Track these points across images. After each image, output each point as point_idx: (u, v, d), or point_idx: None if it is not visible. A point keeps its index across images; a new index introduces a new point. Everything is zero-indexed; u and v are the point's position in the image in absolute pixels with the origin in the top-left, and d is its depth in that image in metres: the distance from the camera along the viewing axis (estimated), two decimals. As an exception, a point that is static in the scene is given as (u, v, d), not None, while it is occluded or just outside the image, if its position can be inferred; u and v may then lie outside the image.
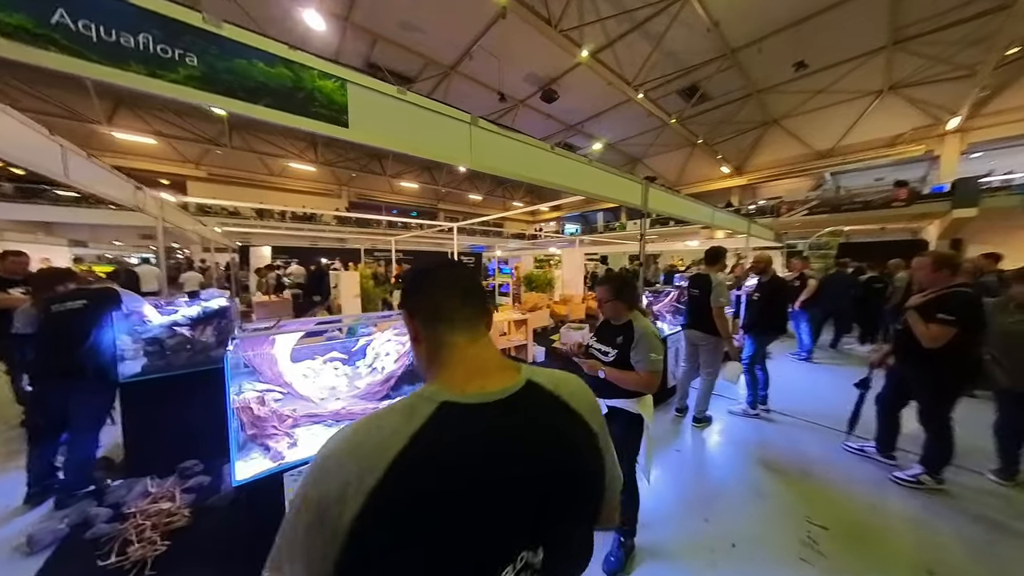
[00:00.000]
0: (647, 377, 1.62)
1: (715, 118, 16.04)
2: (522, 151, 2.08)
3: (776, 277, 3.49)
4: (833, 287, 5.50)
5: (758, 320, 3.41)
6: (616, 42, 11.57)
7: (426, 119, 1.62)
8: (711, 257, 3.26)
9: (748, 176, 19.08)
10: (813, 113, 15.27)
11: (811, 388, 4.30)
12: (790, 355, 5.49)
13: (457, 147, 1.74)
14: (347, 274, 6.42)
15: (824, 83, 13.47)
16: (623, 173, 3.01)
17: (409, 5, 10.57)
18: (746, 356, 3.47)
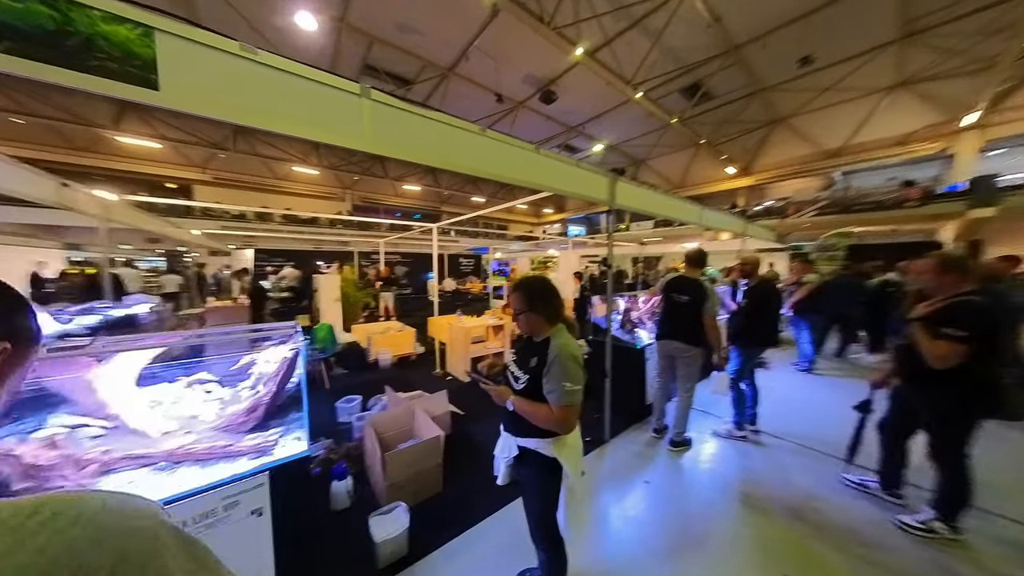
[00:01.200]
0: (559, 413, 1.25)
1: (719, 117, 15.47)
2: (441, 134, 1.73)
3: (764, 281, 3.05)
4: (838, 291, 4.99)
5: (743, 330, 2.98)
6: (614, 40, 11.17)
7: (291, 87, 1.28)
8: (694, 259, 2.86)
9: (755, 177, 18.42)
10: (821, 111, 14.59)
11: (809, 404, 3.82)
12: (790, 365, 5.00)
13: (341, 124, 1.40)
14: (326, 277, 6.14)
15: (832, 80, 12.82)
16: (585, 164, 2.63)
17: (404, 6, 10.34)
18: (731, 371, 3.04)
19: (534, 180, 2.29)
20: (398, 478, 2.11)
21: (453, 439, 2.86)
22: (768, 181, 18.09)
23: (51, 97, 12.22)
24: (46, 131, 13.38)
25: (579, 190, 2.57)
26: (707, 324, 2.66)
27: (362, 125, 1.43)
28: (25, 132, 13.09)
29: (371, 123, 1.44)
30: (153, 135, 14.15)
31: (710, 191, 19.40)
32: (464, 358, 4.35)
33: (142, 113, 13.99)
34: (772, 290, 2.99)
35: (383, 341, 4.90)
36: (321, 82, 1.35)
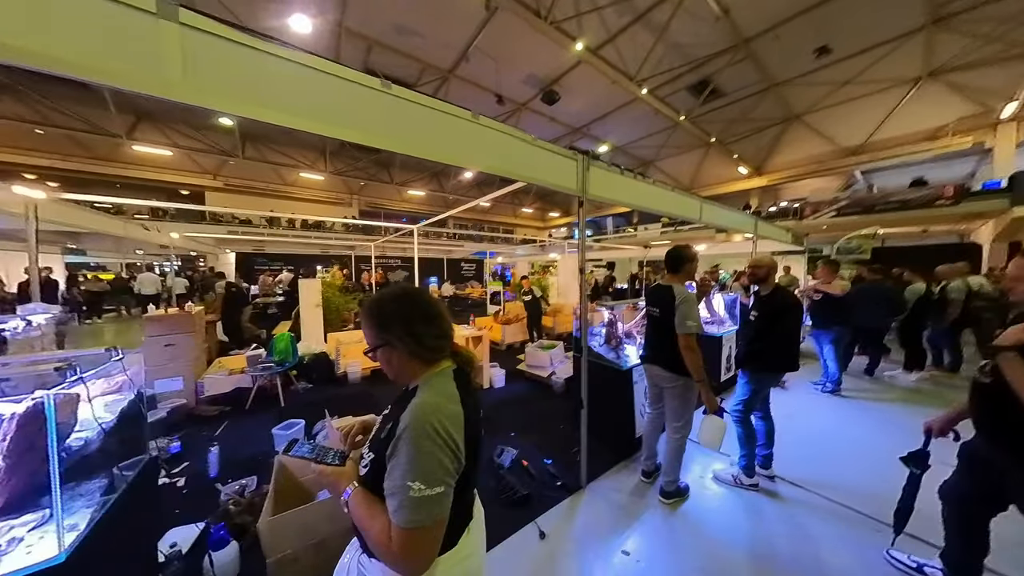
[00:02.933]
0: (397, 538, 0.69)
1: (729, 115, 14.60)
2: (350, 94, 1.20)
3: (780, 290, 2.39)
4: (869, 299, 4.23)
5: (755, 350, 2.33)
6: (617, 36, 10.56)
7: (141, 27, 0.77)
8: (672, 261, 2.25)
9: (768, 177, 17.37)
10: (839, 107, 13.55)
11: (839, 439, 3.10)
12: (811, 385, 4.25)
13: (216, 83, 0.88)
14: (307, 282, 5.71)
15: (851, 72, 11.84)
16: (545, 143, 2.06)
17: (401, 8, 9.99)
18: (738, 401, 2.39)
19: (474, 159, 1.74)
20: (285, 549, 1.57)
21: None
22: (783, 181, 17.03)
23: (69, 107, 12.39)
24: (67, 141, 13.60)
25: (537, 174, 1.99)
26: (680, 344, 2.03)
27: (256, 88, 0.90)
28: (47, 142, 13.34)
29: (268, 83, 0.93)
30: (167, 143, 14.25)
31: (721, 192, 18.43)
32: (435, 374, 3.81)
33: (156, 122, 14.13)
34: (790, 301, 2.32)
35: (354, 352, 4.41)
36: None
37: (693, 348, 2.04)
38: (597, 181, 2.28)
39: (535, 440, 2.99)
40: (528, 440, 2.99)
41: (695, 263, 2.25)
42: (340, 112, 1.26)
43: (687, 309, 2.05)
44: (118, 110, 12.84)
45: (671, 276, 2.27)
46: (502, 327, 5.83)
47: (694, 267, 2.24)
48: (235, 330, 5.44)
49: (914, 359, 4.64)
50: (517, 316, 6.40)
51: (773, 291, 2.36)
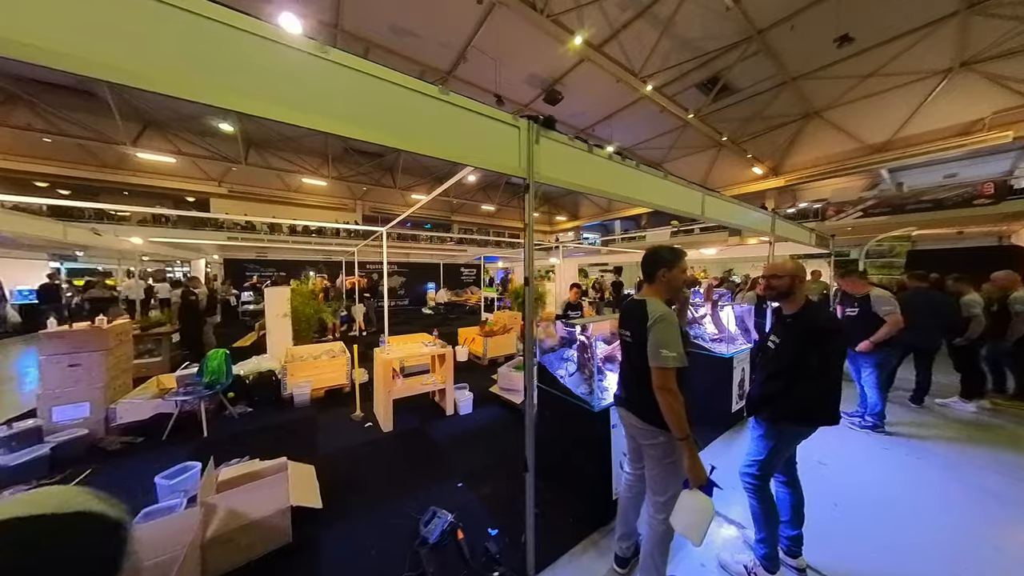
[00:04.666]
0: None
1: (742, 113, 13.74)
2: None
3: (813, 308, 1.66)
4: (918, 313, 3.41)
5: (774, 392, 1.64)
6: (621, 32, 9.94)
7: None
8: (647, 266, 1.60)
9: (786, 177, 16.32)
10: (863, 101, 12.55)
11: (891, 498, 2.34)
12: (846, 417, 3.46)
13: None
14: (273, 290, 5.22)
15: (875, 64, 10.90)
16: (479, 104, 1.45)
17: (396, 8, 9.64)
18: (751, 461, 1.70)
19: (367, 131, 1.16)
20: None
21: (292, 555, 1.71)
22: (801, 181, 15.96)
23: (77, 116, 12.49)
24: (77, 149, 13.74)
25: (458, 148, 1.38)
26: (654, 382, 1.41)
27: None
28: (58, 151, 13.49)
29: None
30: (171, 150, 14.26)
31: (735, 194, 17.44)
32: (386, 400, 3.19)
33: (162, 129, 14.17)
34: (828, 324, 1.59)
35: (305, 370, 3.85)
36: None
37: (670, 389, 1.37)
38: (551, 159, 1.65)
39: (487, 493, 2.33)
40: (479, 493, 2.34)
41: (680, 269, 1.57)
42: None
43: (663, 332, 1.39)
44: (124, 118, 12.90)
45: (647, 287, 1.61)
46: (484, 339, 5.20)
47: (679, 274, 1.57)
48: (196, 342, 4.97)
49: (972, 384, 3.78)
50: (504, 327, 5.75)
51: (803, 309, 1.66)
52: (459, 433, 3.21)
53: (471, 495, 2.33)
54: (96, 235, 4.48)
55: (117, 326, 3.22)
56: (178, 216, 12.91)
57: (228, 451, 2.75)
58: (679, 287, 1.62)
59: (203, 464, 2.31)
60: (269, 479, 1.91)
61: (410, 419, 3.42)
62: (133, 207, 13.17)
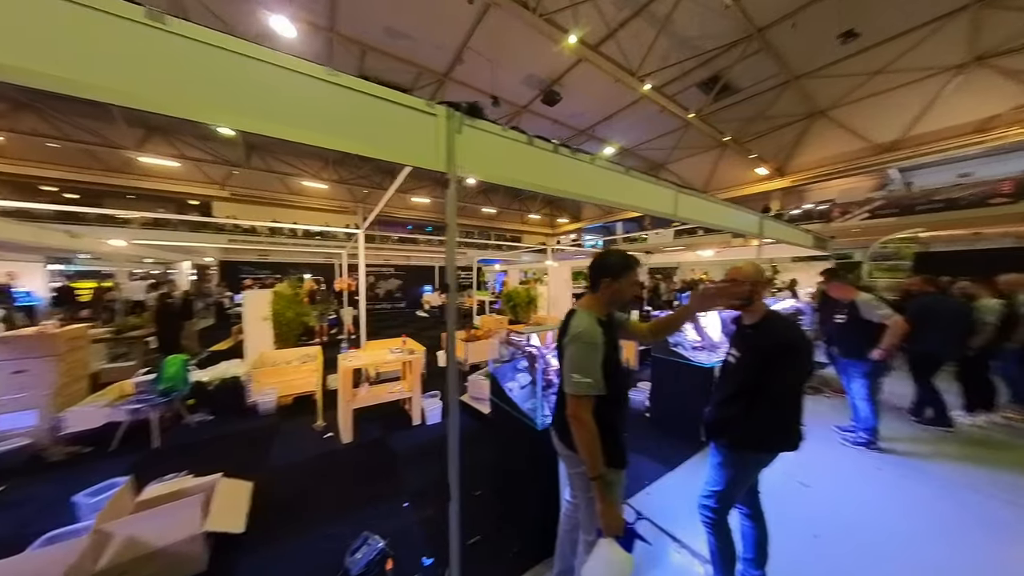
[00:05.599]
0: None
1: (745, 113, 13.42)
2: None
3: (774, 319, 1.45)
4: (936, 320, 3.11)
5: (732, 415, 1.43)
6: (618, 31, 9.77)
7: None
8: (592, 272, 1.40)
9: (791, 178, 15.90)
10: (870, 99, 12.16)
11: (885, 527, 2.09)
12: (837, 433, 3.20)
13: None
14: (253, 293, 5.12)
15: (883, 61, 10.53)
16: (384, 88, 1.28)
17: (390, 10, 9.60)
18: (708, 492, 1.49)
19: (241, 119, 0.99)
20: None
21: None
22: (807, 182, 15.51)
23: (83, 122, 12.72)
24: (83, 154, 13.98)
25: (367, 143, 1.21)
26: (568, 409, 1.22)
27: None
28: (64, 155, 13.73)
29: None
30: (175, 154, 14.45)
31: (739, 195, 17.09)
32: (346, 410, 3.04)
33: (165, 134, 14.37)
34: (791, 337, 1.39)
35: (272, 376, 3.72)
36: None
37: (581, 420, 1.18)
38: (479, 151, 1.48)
39: (433, 515, 2.15)
40: (424, 515, 2.16)
41: (629, 280, 1.37)
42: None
43: (577, 354, 1.20)
44: (129, 124, 13.12)
45: (589, 296, 1.42)
46: (465, 344, 5.02)
47: (627, 287, 1.37)
48: (172, 346, 4.89)
49: (979, 396, 3.48)
50: (488, 332, 5.58)
51: (764, 320, 1.45)
52: (422, 444, 3.03)
53: (415, 517, 2.15)
54: (72, 237, 4.43)
55: (70, 331, 3.13)
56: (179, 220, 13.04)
57: (174, 463, 2.61)
58: (625, 300, 1.42)
59: (141, 479, 2.18)
60: (182, 502, 1.76)
61: (373, 429, 3.25)
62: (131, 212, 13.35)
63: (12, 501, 2.28)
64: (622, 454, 1.32)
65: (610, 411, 1.27)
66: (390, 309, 11.64)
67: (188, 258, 9.43)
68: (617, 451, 1.29)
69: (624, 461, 1.33)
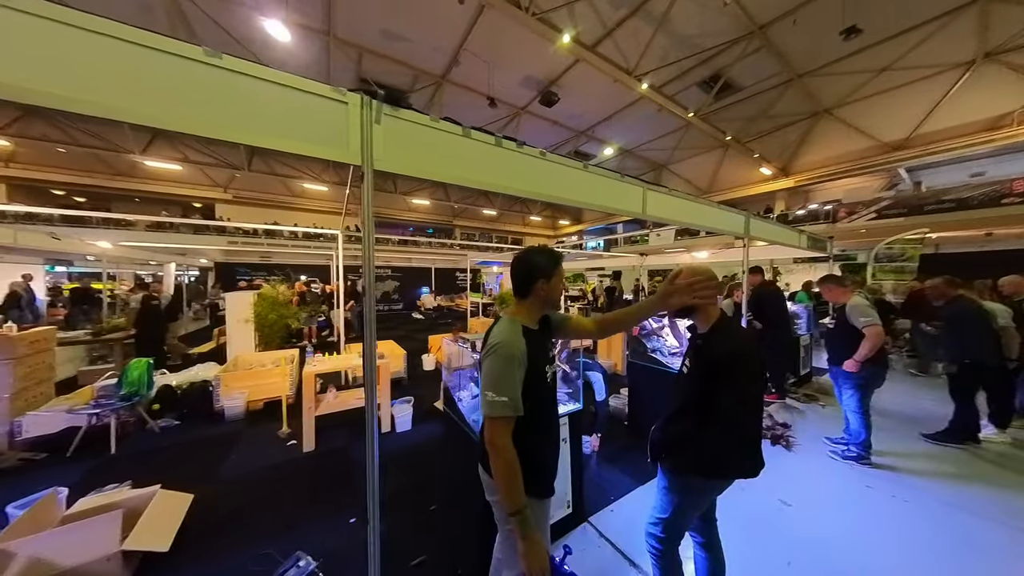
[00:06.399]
0: None
1: (747, 112, 13.15)
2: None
3: (725, 328, 1.29)
4: (974, 320, 2.87)
5: (678, 434, 1.27)
6: (615, 30, 9.62)
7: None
8: (519, 276, 1.24)
9: (795, 178, 15.56)
10: (877, 97, 11.84)
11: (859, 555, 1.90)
12: (827, 444, 2.99)
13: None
14: (234, 295, 5.07)
15: (889, 58, 10.24)
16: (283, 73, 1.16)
17: (386, 12, 9.57)
18: (654, 519, 1.33)
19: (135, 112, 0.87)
20: None
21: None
22: (813, 182, 15.16)
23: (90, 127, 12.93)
24: (91, 158, 14.21)
25: (269, 134, 1.09)
26: (485, 432, 1.07)
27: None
28: (73, 160, 13.98)
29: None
30: (179, 158, 14.63)
31: (743, 195, 16.79)
32: (309, 417, 2.92)
33: (170, 138, 14.55)
34: (739, 349, 1.22)
35: (242, 380, 3.62)
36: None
37: (497, 446, 1.03)
38: (402, 143, 1.36)
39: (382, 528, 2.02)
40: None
41: (559, 277, 1.23)
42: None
43: (493, 367, 1.06)
44: (134, 128, 13.29)
45: (518, 303, 1.27)
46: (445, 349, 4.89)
47: (558, 284, 1.23)
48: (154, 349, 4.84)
49: (1008, 409, 3.21)
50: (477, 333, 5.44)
51: (714, 327, 1.30)
52: (385, 453, 2.89)
53: (359, 535, 2.01)
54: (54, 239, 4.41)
55: (31, 333, 3.07)
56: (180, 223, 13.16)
57: (128, 471, 2.52)
58: (557, 299, 1.28)
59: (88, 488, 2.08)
60: (101, 517, 1.65)
61: (339, 437, 3.14)
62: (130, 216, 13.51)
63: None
64: (545, 482, 1.17)
65: (532, 434, 1.12)
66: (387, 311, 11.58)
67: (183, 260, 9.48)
68: (539, 479, 1.15)
69: (548, 490, 1.18)
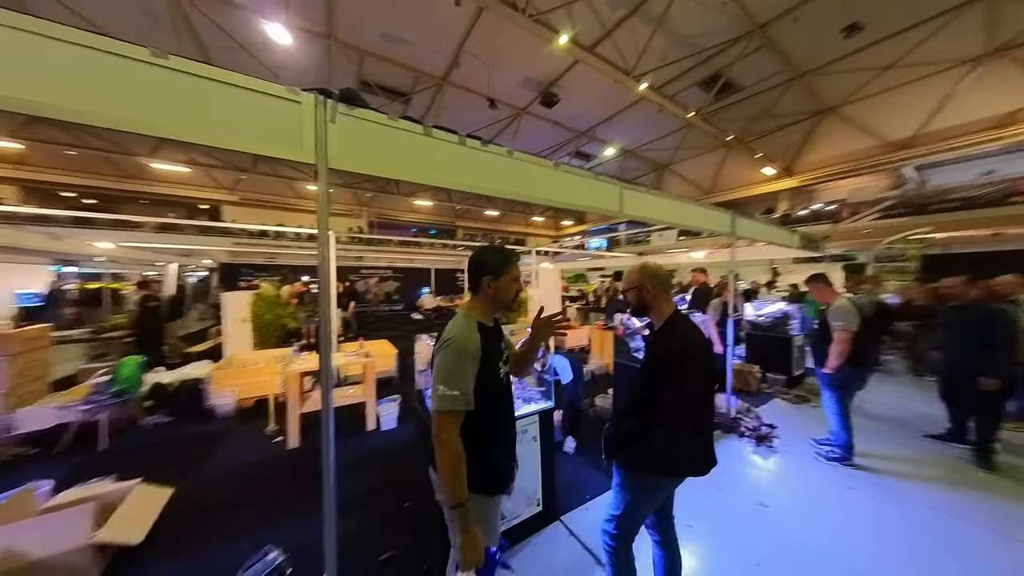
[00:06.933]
0: None
1: (749, 111, 13.04)
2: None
3: (675, 323, 1.28)
4: (1001, 330, 2.73)
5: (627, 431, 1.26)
6: (614, 31, 9.62)
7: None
8: (471, 272, 1.26)
9: (799, 177, 15.38)
10: (882, 95, 11.66)
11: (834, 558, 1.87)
12: (812, 445, 2.95)
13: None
14: (231, 295, 5.15)
15: (893, 55, 10.09)
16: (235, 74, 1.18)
17: (386, 15, 9.67)
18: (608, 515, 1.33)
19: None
20: None
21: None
22: (817, 181, 14.97)
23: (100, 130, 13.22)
24: (101, 161, 14.53)
25: (221, 134, 1.12)
26: (435, 434, 1.08)
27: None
28: (83, 162, 14.29)
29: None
30: (186, 160, 14.89)
31: (745, 195, 16.64)
32: (294, 414, 2.96)
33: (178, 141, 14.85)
34: (682, 348, 1.21)
35: (233, 378, 3.68)
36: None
37: (443, 440, 1.05)
38: (359, 141, 1.37)
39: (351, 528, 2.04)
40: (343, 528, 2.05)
41: (510, 277, 1.23)
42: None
43: (445, 361, 1.07)
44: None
45: (471, 298, 1.29)
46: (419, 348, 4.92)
47: (509, 283, 1.23)
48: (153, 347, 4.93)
49: (985, 416, 3.15)
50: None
51: (663, 326, 1.29)
52: (369, 451, 2.93)
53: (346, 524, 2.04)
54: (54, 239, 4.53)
55: (25, 331, 3.16)
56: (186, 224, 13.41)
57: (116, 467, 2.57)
58: (508, 300, 1.29)
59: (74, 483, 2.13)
60: (73, 509, 1.69)
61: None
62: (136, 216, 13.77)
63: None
64: (494, 479, 1.18)
65: (483, 431, 1.13)
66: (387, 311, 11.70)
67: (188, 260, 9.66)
68: (487, 475, 1.15)
69: (497, 487, 1.19)
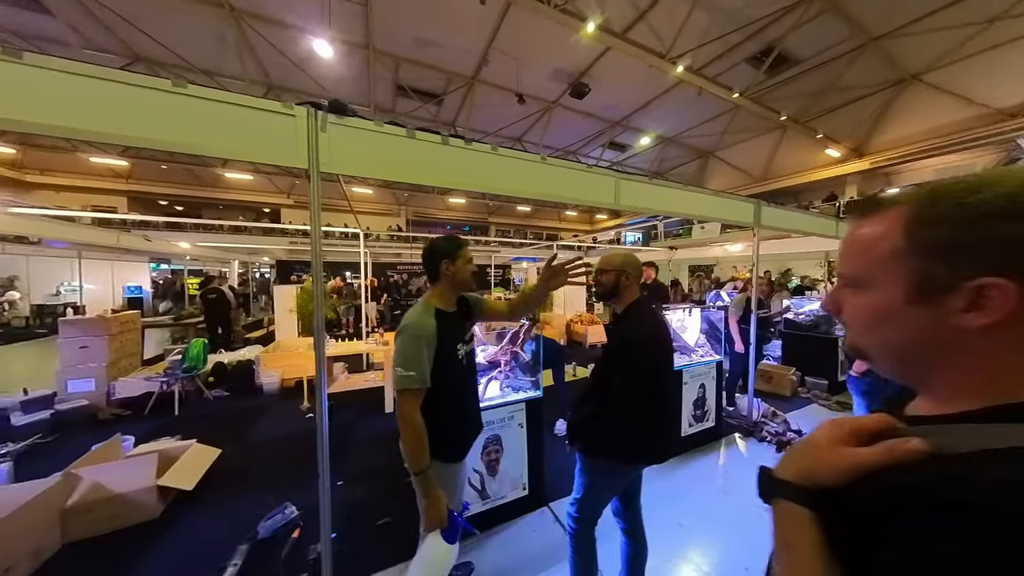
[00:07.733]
0: None
1: (809, 87, 11.74)
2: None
3: (634, 309, 1.31)
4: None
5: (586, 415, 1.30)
6: (648, 12, 9.18)
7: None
8: (426, 262, 1.38)
9: (872, 158, 13.57)
10: (984, 55, 9.89)
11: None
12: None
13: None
14: (280, 288, 5.80)
15: (1000, 5, 8.54)
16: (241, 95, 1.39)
17: (418, 20, 10.09)
18: (573, 498, 1.38)
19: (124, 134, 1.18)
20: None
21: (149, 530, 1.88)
22: (894, 162, 13.11)
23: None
24: (185, 173, 16.77)
25: (231, 146, 1.35)
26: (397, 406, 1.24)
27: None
28: (172, 174, 16.59)
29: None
30: (250, 168, 16.68)
31: (803, 181, 15.06)
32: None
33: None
34: (644, 331, 1.23)
35: (277, 361, 4.19)
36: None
37: (405, 415, 1.19)
38: (347, 147, 1.55)
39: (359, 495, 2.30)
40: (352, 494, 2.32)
41: (463, 259, 1.33)
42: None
43: (402, 346, 1.21)
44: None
45: (431, 287, 1.41)
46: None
47: (464, 265, 1.34)
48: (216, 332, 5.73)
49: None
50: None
51: (623, 313, 1.31)
52: (383, 431, 3.22)
53: (344, 495, 2.31)
54: (146, 240, 5.42)
55: (121, 316, 3.87)
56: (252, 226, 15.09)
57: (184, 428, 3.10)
58: (467, 280, 1.38)
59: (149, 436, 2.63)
60: (140, 458, 2.11)
61: (349, 413, 3.53)
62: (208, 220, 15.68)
63: (63, 448, 2.92)
64: (452, 448, 1.31)
65: (441, 408, 1.26)
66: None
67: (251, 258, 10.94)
68: (445, 445, 1.28)
69: (456, 455, 1.32)
